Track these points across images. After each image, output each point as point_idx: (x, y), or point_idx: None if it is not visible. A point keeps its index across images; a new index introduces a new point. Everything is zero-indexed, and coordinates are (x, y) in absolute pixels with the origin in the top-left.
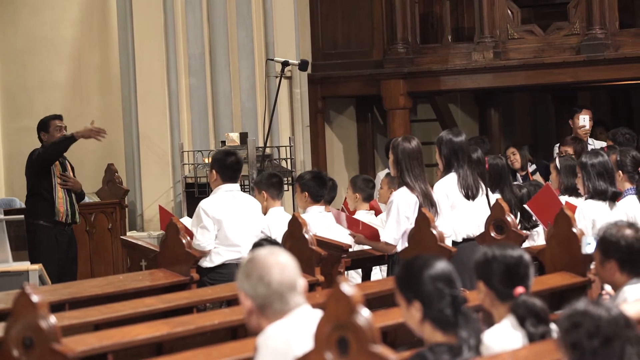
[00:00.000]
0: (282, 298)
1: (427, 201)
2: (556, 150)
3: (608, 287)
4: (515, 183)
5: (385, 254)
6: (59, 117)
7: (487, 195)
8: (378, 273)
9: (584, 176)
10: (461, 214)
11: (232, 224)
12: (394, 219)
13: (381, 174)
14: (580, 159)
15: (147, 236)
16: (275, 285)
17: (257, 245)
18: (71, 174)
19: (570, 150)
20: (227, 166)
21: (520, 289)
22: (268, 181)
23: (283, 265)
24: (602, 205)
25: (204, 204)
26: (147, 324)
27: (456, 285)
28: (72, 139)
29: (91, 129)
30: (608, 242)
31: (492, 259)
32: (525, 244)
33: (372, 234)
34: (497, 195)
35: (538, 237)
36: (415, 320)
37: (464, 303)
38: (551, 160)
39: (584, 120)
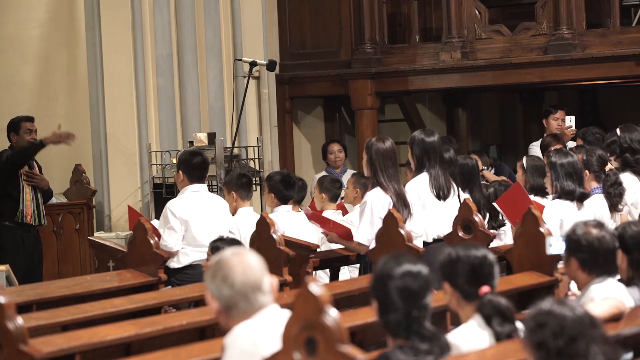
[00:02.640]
0: (247, 298)
1: (401, 202)
2: (534, 150)
3: (574, 288)
4: (483, 182)
5: (358, 253)
6: (31, 120)
7: (458, 196)
8: (346, 273)
9: (553, 176)
10: (432, 214)
11: (200, 225)
12: (368, 220)
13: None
14: (549, 159)
15: (114, 237)
16: (239, 286)
17: (214, 244)
18: (38, 172)
19: (559, 146)
20: (193, 166)
21: (485, 288)
22: (237, 182)
23: (247, 266)
24: (570, 205)
25: (171, 204)
26: (115, 324)
27: (419, 301)
28: (41, 145)
29: (60, 134)
30: (571, 240)
31: (457, 259)
32: (493, 244)
33: (344, 233)
34: (467, 195)
35: (505, 236)
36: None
37: (421, 320)
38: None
39: (570, 120)
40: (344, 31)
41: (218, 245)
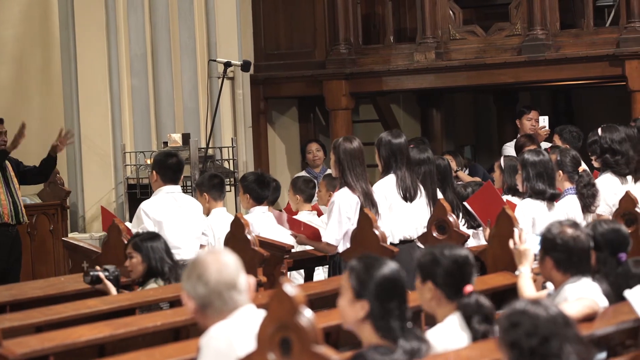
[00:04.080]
0: (222, 297)
1: (368, 201)
2: (508, 151)
3: (550, 287)
4: (459, 183)
5: (327, 254)
6: (0, 121)
7: (432, 197)
8: (321, 274)
9: (524, 175)
10: (399, 215)
11: (173, 226)
12: (336, 220)
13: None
14: (521, 157)
15: (88, 237)
16: (214, 284)
17: (132, 240)
18: (12, 172)
19: (533, 146)
20: (168, 167)
21: (469, 287)
22: (209, 183)
23: (222, 264)
24: (541, 205)
25: (144, 205)
26: (90, 325)
27: (402, 298)
28: (54, 159)
29: (61, 140)
30: (546, 239)
31: (441, 257)
32: (472, 243)
33: (313, 234)
34: (440, 196)
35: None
36: (356, 317)
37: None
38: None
39: (543, 121)
40: (318, 32)
41: (136, 241)
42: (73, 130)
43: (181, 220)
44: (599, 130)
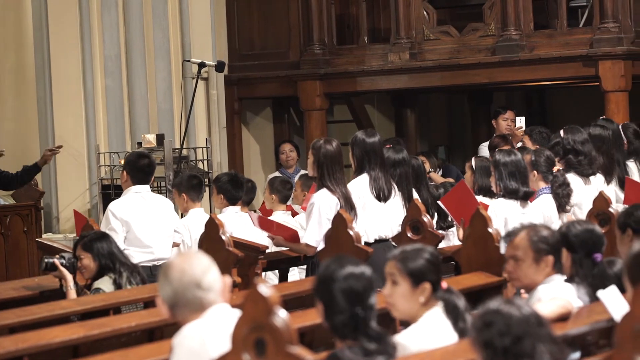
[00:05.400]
0: (185, 296)
1: (348, 204)
2: (483, 151)
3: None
4: (432, 184)
5: (306, 255)
6: None
7: (407, 196)
8: (296, 274)
9: (496, 175)
10: (372, 215)
11: (142, 226)
12: (316, 221)
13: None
14: (493, 158)
15: (63, 238)
16: (176, 283)
17: (81, 240)
18: None
19: (507, 147)
20: (139, 168)
21: (444, 284)
22: (188, 183)
23: (186, 264)
24: (514, 204)
25: (112, 205)
26: (64, 326)
27: (364, 302)
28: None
29: (49, 153)
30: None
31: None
32: (442, 245)
33: (290, 236)
34: (414, 196)
35: (454, 237)
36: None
37: (367, 321)
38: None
39: (520, 121)
40: (293, 32)
41: (85, 242)
42: (61, 145)
43: (150, 220)
44: (562, 132)
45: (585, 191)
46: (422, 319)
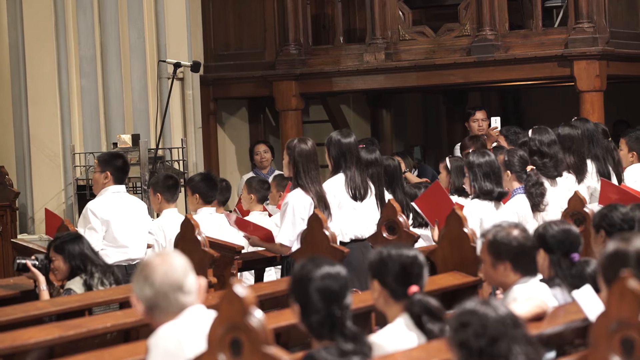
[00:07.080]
0: (167, 298)
1: (322, 203)
2: (457, 151)
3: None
4: (408, 184)
5: (280, 255)
6: None
7: (380, 196)
8: (272, 274)
9: (471, 177)
10: (348, 214)
11: (120, 225)
12: (290, 221)
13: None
14: (466, 159)
15: (38, 239)
16: (159, 285)
17: (54, 242)
18: None
19: (474, 148)
20: (118, 168)
21: (414, 288)
22: (164, 183)
23: (169, 266)
24: (489, 205)
25: (91, 205)
26: (39, 327)
27: (340, 302)
28: None
29: None
30: (499, 244)
31: (388, 258)
32: (422, 244)
33: (266, 236)
34: (390, 196)
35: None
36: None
37: (343, 321)
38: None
39: (495, 122)
40: (268, 32)
41: (57, 244)
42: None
43: (128, 220)
44: (530, 132)
45: (552, 192)
46: (398, 320)
